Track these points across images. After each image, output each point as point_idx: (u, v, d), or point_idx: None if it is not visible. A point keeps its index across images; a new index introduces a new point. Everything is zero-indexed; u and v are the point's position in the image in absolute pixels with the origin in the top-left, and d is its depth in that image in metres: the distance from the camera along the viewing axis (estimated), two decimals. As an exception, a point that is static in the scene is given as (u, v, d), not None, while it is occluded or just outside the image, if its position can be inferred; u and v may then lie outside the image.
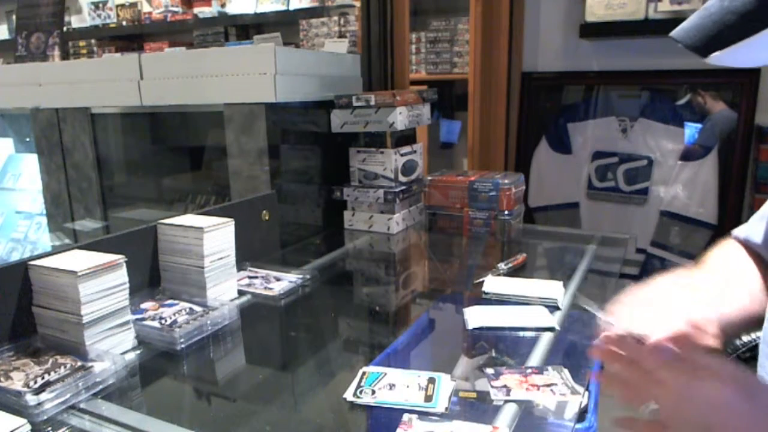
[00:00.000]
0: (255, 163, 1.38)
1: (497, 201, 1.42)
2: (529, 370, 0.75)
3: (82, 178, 1.79)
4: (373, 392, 0.73)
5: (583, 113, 2.03)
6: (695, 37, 0.45)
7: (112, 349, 0.84)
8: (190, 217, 1.05)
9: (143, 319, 0.92)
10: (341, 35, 3.03)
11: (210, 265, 1.01)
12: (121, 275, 0.85)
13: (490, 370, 0.75)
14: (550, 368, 0.75)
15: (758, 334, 1.01)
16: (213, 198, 1.83)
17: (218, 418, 0.76)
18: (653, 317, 0.62)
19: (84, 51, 3.95)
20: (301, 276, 1.15)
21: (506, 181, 1.42)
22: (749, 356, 1.01)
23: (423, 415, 0.68)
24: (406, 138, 1.60)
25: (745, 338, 1.02)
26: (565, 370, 0.75)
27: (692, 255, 1.92)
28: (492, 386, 0.71)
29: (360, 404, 0.71)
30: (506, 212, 1.42)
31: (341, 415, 0.73)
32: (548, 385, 0.71)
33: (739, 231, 0.89)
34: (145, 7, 3.63)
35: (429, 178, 1.53)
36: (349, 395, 0.73)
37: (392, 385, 0.74)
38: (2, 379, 0.74)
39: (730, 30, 0.42)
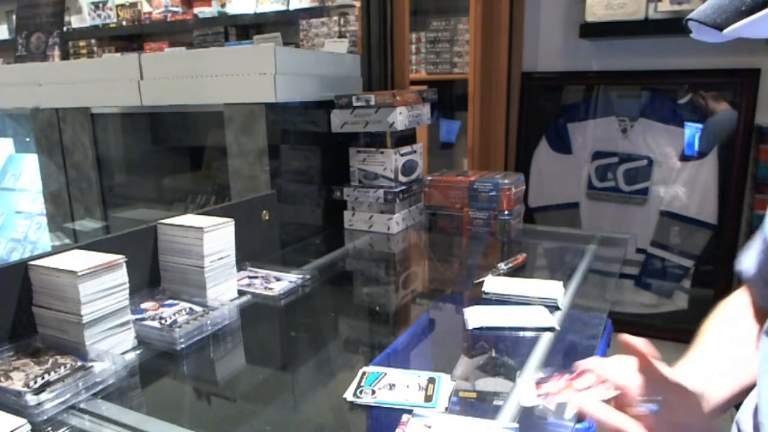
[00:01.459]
0: (255, 163, 1.38)
1: (497, 201, 1.42)
2: (568, 376, 0.70)
3: (82, 178, 1.79)
4: (373, 392, 0.73)
5: (583, 113, 2.03)
6: (713, 15, 0.47)
7: (112, 349, 0.84)
8: (190, 217, 1.05)
9: (143, 319, 0.92)
10: (341, 35, 3.03)
11: (210, 265, 1.01)
12: (121, 275, 0.85)
13: (540, 374, 0.72)
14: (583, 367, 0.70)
15: None
16: (213, 198, 1.83)
17: (218, 418, 0.76)
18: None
19: (84, 51, 3.95)
20: (301, 276, 1.15)
21: (506, 181, 1.42)
22: None
23: (423, 415, 0.68)
24: (406, 138, 1.60)
25: None
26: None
27: (692, 255, 1.92)
28: (538, 395, 0.68)
29: (360, 404, 0.72)
30: (506, 212, 1.42)
31: (341, 415, 0.73)
32: (587, 388, 0.66)
33: (744, 265, 0.82)
34: (145, 7, 3.63)
35: (429, 178, 1.53)
36: (349, 395, 0.73)
37: (392, 385, 0.74)
38: (2, 379, 0.74)
39: (746, 4, 0.45)
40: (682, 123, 1.89)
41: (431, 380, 0.75)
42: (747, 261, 0.80)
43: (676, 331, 1.81)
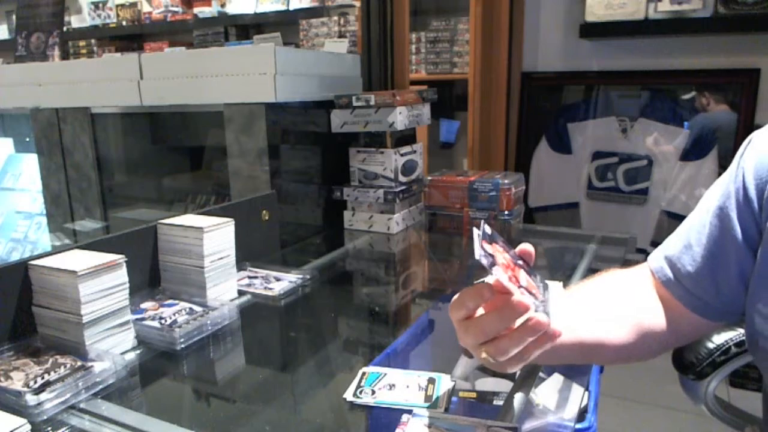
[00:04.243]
0: (255, 163, 1.38)
1: (497, 201, 1.42)
2: (521, 262, 0.64)
3: (82, 178, 1.79)
4: (373, 392, 0.73)
5: (583, 113, 2.04)
6: None
7: (112, 349, 0.84)
8: (190, 217, 1.05)
9: (143, 319, 0.92)
10: (341, 35, 3.03)
11: (210, 265, 1.01)
12: (121, 275, 0.85)
13: (486, 229, 0.62)
14: (538, 277, 0.65)
15: (730, 335, 1.00)
16: (213, 198, 1.83)
17: (218, 418, 0.76)
18: None
19: (84, 51, 3.95)
20: (301, 276, 1.15)
21: (506, 181, 1.42)
22: (723, 359, 1.00)
23: (423, 415, 0.68)
24: (406, 138, 1.60)
25: (717, 341, 1.01)
26: (553, 285, 0.68)
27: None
28: (482, 247, 0.58)
29: (360, 404, 0.72)
30: (506, 212, 1.42)
31: (341, 415, 0.73)
32: (530, 292, 0.59)
33: (659, 262, 0.77)
34: (145, 7, 3.63)
35: (429, 178, 1.53)
36: (349, 395, 0.73)
37: (392, 385, 0.74)
38: (2, 379, 0.74)
39: None
40: (682, 123, 1.89)
41: (431, 380, 0.75)
42: (681, 258, 0.73)
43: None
